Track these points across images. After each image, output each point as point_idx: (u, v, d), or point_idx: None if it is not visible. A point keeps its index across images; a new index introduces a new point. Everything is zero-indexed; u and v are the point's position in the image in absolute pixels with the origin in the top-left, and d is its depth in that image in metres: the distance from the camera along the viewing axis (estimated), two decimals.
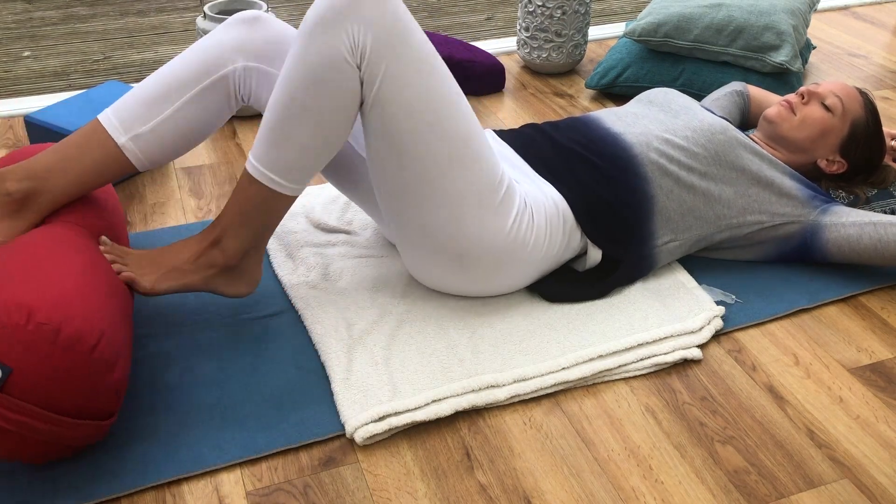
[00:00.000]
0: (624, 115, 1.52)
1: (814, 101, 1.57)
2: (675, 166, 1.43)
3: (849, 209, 1.50)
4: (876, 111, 1.59)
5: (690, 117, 1.49)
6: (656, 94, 1.60)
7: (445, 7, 2.89)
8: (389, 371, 1.27)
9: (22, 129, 1.95)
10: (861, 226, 1.45)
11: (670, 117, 1.51)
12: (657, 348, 1.33)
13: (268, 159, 1.21)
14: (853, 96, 1.57)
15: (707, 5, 2.10)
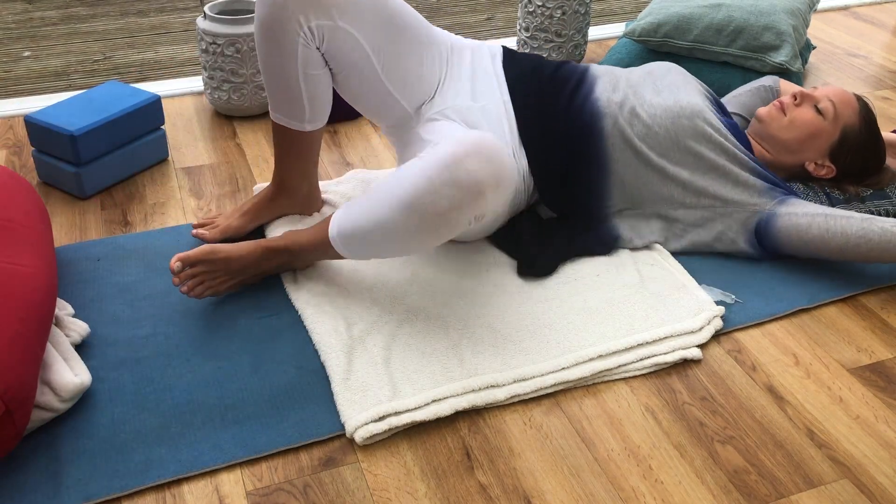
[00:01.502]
0: (617, 80, 1.54)
1: (806, 104, 1.58)
2: (638, 140, 1.49)
3: (808, 203, 1.49)
4: (872, 119, 1.59)
5: (667, 97, 1.51)
6: (659, 68, 1.60)
7: (445, 7, 2.89)
8: (389, 371, 1.26)
9: (22, 129, 1.95)
10: (812, 216, 1.45)
11: (653, 94, 1.52)
12: (657, 348, 1.33)
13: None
14: (848, 102, 1.57)
15: (707, 5, 2.10)
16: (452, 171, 1.17)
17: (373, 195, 1.28)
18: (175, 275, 1.33)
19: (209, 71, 1.94)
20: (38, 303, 1.17)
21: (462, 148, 1.18)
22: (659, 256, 1.53)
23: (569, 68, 1.55)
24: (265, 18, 1.34)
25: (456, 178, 1.18)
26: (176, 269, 1.32)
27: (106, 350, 1.31)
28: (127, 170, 1.76)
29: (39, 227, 1.34)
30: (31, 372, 1.09)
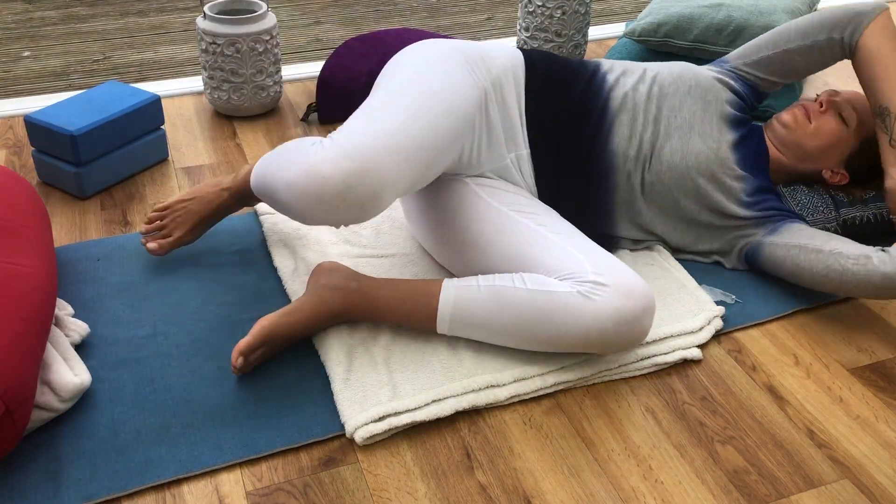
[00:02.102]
0: (635, 116, 1.45)
1: (831, 111, 1.53)
2: (644, 196, 1.49)
3: (796, 229, 1.44)
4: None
5: (677, 146, 1.45)
6: (677, 85, 1.49)
7: (445, 7, 2.89)
8: (389, 371, 1.26)
9: (22, 129, 1.95)
10: (789, 248, 1.43)
11: (665, 137, 1.46)
12: (657, 348, 1.33)
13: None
14: (868, 109, 1.55)
15: (707, 5, 2.10)
16: (630, 324, 1.22)
17: (511, 314, 1.24)
18: (238, 371, 1.26)
19: (209, 71, 1.94)
20: (38, 303, 1.17)
21: (640, 305, 1.21)
22: (659, 256, 1.53)
23: (590, 101, 1.45)
24: (308, 214, 1.20)
25: (632, 332, 1.23)
26: (239, 365, 1.24)
27: (106, 350, 1.31)
28: (127, 170, 1.76)
29: (39, 227, 1.34)
30: (31, 372, 1.09)
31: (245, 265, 1.51)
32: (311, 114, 2.02)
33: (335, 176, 1.12)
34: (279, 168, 1.22)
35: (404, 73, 1.30)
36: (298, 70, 2.27)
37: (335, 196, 1.13)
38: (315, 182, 1.13)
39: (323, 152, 1.15)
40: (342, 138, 1.17)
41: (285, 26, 2.70)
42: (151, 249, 1.45)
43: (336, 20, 2.77)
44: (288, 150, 1.25)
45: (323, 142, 1.18)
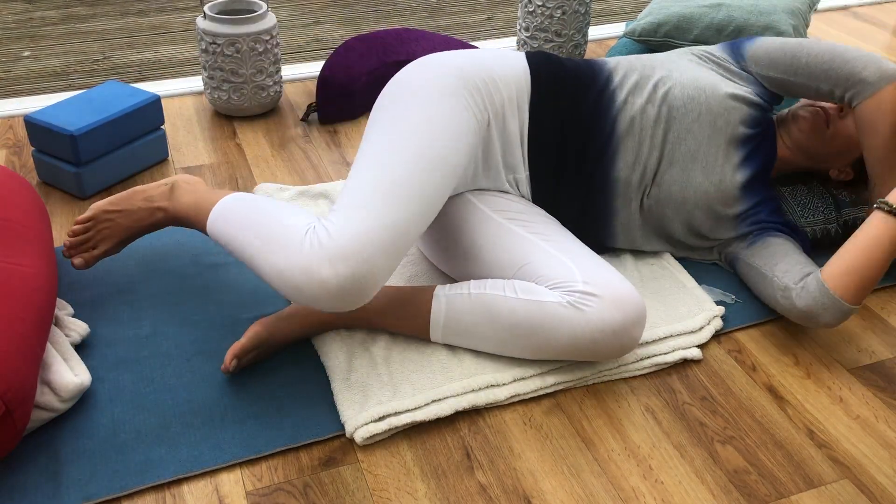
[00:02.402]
0: (641, 141, 1.42)
1: (850, 116, 1.50)
2: (641, 219, 1.49)
3: (766, 245, 1.43)
4: None
5: (678, 176, 1.43)
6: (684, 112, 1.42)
7: (445, 7, 2.89)
8: (389, 371, 1.27)
9: (22, 129, 1.95)
10: (749, 267, 1.44)
11: (668, 164, 1.43)
12: (657, 348, 1.33)
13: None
14: None
15: (707, 5, 2.10)
16: (620, 336, 1.22)
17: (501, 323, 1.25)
18: (229, 373, 1.26)
19: (209, 71, 1.94)
20: (38, 303, 1.17)
21: (629, 318, 1.22)
22: (659, 256, 1.53)
23: (597, 124, 1.40)
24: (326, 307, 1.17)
25: (621, 343, 1.23)
26: (231, 368, 1.24)
27: (106, 350, 1.31)
28: (127, 170, 1.76)
29: (39, 226, 1.34)
30: (31, 372, 1.09)
31: (245, 265, 1.51)
32: (311, 114, 2.02)
33: (331, 281, 1.11)
34: (266, 247, 1.16)
35: (403, 120, 1.25)
36: (298, 70, 2.27)
37: (327, 295, 1.12)
38: (310, 282, 1.11)
39: (320, 251, 1.11)
40: (340, 236, 1.12)
41: (285, 26, 2.70)
42: (77, 265, 1.38)
43: (336, 20, 2.77)
44: (273, 226, 1.18)
45: (318, 232, 1.13)
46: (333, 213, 1.17)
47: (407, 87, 1.30)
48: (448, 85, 1.29)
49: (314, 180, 1.78)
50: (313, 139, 1.94)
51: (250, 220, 1.20)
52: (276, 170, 1.81)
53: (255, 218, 1.20)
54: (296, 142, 1.93)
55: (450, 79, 1.30)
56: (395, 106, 1.27)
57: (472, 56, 1.37)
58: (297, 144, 1.92)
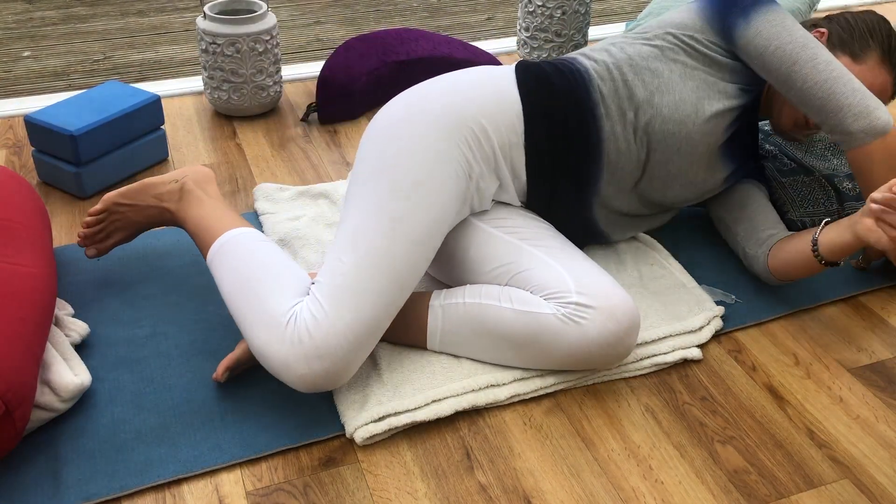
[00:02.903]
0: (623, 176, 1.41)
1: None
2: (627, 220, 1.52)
3: (734, 190, 1.52)
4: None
5: (657, 188, 1.43)
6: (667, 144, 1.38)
7: (445, 7, 2.89)
8: (389, 371, 1.26)
9: (22, 129, 1.95)
10: (719, 219, 1.56)
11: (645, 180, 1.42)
12: (657, 348, 1.33)
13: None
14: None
15: None
16: (615, 346, 1.22)
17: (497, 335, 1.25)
18: (220, 381, 1.26)
19: (209, 71, 1.94)
20: (38, 303, 1.17)
21: (623, 327, 1.22)
22: (659, 256, 1.53)
23: (585, 160, 1.38)
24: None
25: (616, 353, 1.24)
26: (223, 380, 1.25)
27: (106, 350, 1.31)
28: (127, 170, 1.76)
29: (39, 226, 1.34)
30: (31, 372, 1.09)
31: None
32: (310, 114, 2.02)
33: (307, 376, 1.15)
34: (251, 317, 1.18)
35: (393, 192, 1.22)
36: (298, 70, 2.27)
37: (302, 385, 1.16)
38: (287, 374, 1.15)
39: (299, 348, 1.14)
40: (319, 335, 1.14)
41: (285, 26, 2.70)
42: (90, 256, 1.42)
43: (336, 20, 2.77)
44: (261, 297, 1.18)
45: (298, 326, 1.15)
46: (314, 301, 1.17)
47: (395, 141, 1.26)
48: (435, 144, 1.26)
49: (314, 180, 1.78)
50: (313, 139, 1.94)
51: (244, 279, 1.22)
52: (276, 170, 1.81)
53: (249, 277, 1.21)
54: (296, 142, 1.93)
55: (440, 137, 1.26)
56: (381, 166, 1.25)
57: (461, 100, 1.31)
58: (297, 144, 1.92)
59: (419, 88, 1.34)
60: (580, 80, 1.37)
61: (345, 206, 1.27)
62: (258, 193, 1.69)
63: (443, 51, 2.14)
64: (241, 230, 1.29)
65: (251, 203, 1.70)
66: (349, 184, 1.29)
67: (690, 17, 1.40)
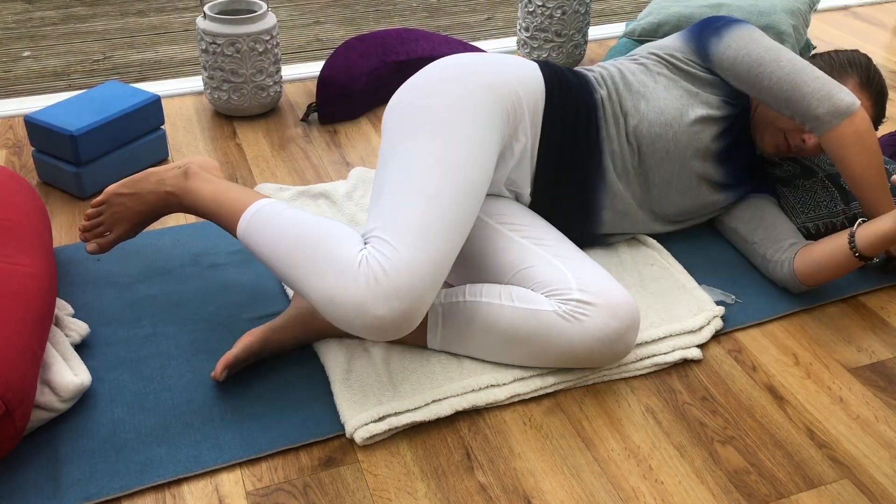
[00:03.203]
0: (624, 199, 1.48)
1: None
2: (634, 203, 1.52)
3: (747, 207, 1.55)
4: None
5: (655, 198, 1.50)
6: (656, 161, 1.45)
7: (445, 7, 2.89)
8: (389, 371, 1.27)
9: (22, 129, 1.95)
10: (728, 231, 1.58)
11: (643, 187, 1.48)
12: (657, 348, 1.33)
13: None
14: None
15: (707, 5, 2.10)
16: (615, 343, 1.23)
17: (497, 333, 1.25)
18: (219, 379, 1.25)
19: (209, 71, 1.94)
20: (37, 303, 1.17)
21: (624, 324, 1.23)
22: (659, 256, 1.53)
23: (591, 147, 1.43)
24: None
25: (616, 350, 1.24)
26: (222, 378, 1.24)
27: (106, 350, 1.31)
28: (127, 170, 1.76)
29: (39, 226, 1.34)
30: (30, 372, 1.09)
31: (245, 265, 1.51)
32: (310, 114, 2.02)
33: (386, 317, 1.12)
34: (316, 270, 1.14)
35: (447, 139, 1.23)
36: (298, 70, 2.27)
37: (379, 329, 1.13)
38: (363, 317, 1.11)
39: (376, 288, 1.11)
40: (396, 273, 1.12)
41: (285, 26, 2.70)
42: (91, 251, 1.37)
43: (336, 20, 2.77)
44: (323, 248, 1.16)
45: (372, 266, 1.12)
46: (383, 242, 1.15)
47: (441, 98, 1.28)
48: (483, 105, 1.29)
49: (314, 180, 1.78)
50: (313, 139, 1.94)
51: (296, 236, 1.18)
52: (276, 170, 1.81)
53: (302, 234, 1.18)
54: (296, 142, 1.93)
55: (484, 98, 1.30)
56: (434, 120, 1.25)
57: (498, 71, 1.35)
58: (297, 144, 1.92)
59: (453, 58, 1.36)
60: (585, 82, 1.46)
61: (390, 158, 1.25)
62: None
63: (443, 51, 2.14)
64: (269, 200, 1.27)
65: None
66: (390, 139, 1.28)
67: (672, 41, 1.53)
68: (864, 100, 1.50)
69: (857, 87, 1.50)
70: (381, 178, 1.24)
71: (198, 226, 1.61)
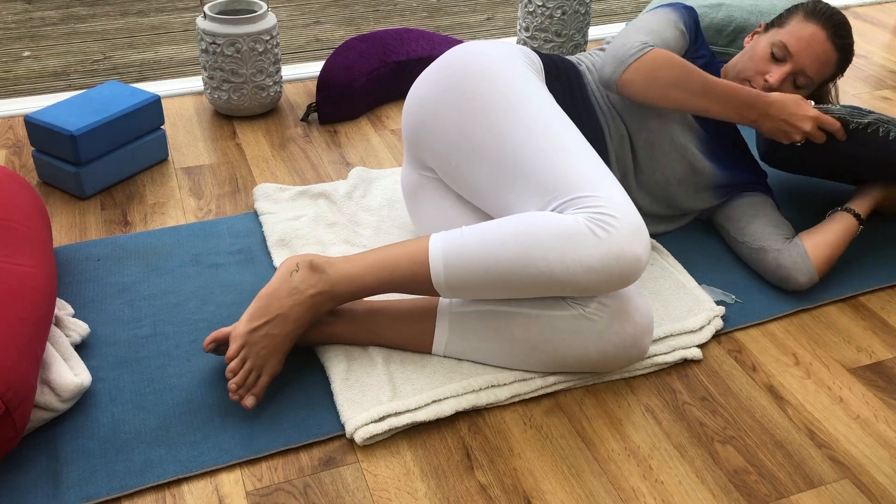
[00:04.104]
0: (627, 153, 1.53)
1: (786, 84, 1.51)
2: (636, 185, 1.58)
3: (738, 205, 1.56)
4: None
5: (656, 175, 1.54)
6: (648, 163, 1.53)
7: (445, 7, 2.89)
8: (389, 371, 1.26)
9: (22, 129, 1.95)
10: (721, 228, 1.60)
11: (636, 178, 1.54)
12: (657, 348, 1.33)
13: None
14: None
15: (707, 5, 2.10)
16: (630, 349, 1.23)
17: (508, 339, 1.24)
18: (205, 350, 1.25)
19: (209, 71, 1.94)
20: (37, 302, 1.17)
21: (640, 329, 1.23)
22: (659, 256, 1.53)
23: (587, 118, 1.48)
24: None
25: (629, 356, 1.25)
26: (208, 350, 1.24)
27: (106, 350, 1.31)
28: (127, 170, 1.76)
29: (39, 226, 1.34)
30: (30, 372, 1.09)
31: (245, 265, 1.51)
32: (310, 114, 2.02)
33: (642, 254, 1.15)
34: (550, 255, 1.13)
35: (532, 98, 1.29)
36: (298, 70, 2.27)
37: (639, 269, 1.15)
38: (628, 264, 1.13)
39: (617, 231, 1.13)
40: (623, 212, 1.15)
41: (285, 26, 2.70)
42: (249, 406, 1.19)
43: (336, 20, 2.77)
44: (536, 232, 1.14)
45: (597, 218, 1.14)
46: (580, 199, 1.17)
47: (490, 66, 1.32)
48: (523, 66, 1.36)
49: (314, 180, 1.78)
50: (313, 139, 1.94)
51: (501, 245, 1.16)
52: (275, 170, 1.81)
53: (503, 241, 1.16)
54: (296, 142, 1.93)
55: (521, 62, 1.37)
56: (509, 86, 1.30)
57: (502, 45, 1.40)
58: (297, 144, 1.92)
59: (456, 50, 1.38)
60: (565, 59, 1.53)
61: (490, 143, 1.27)
62: (258, 193, 1.69)
63: (443, 51, 2.14)
64: (435, 236, 1.21)
65: (251, 203, 1.70)
66: (468, 132, 1.29)
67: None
68: (811, 26, 1.48)
69: (801, 19, 1.50)
70: (502, 163, 1.25)
71: (198, 226, 1.61)
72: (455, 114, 1.31)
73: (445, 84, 1.33)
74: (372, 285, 1.21)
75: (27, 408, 1.08)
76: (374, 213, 1.64)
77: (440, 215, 1.40)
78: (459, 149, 1.30)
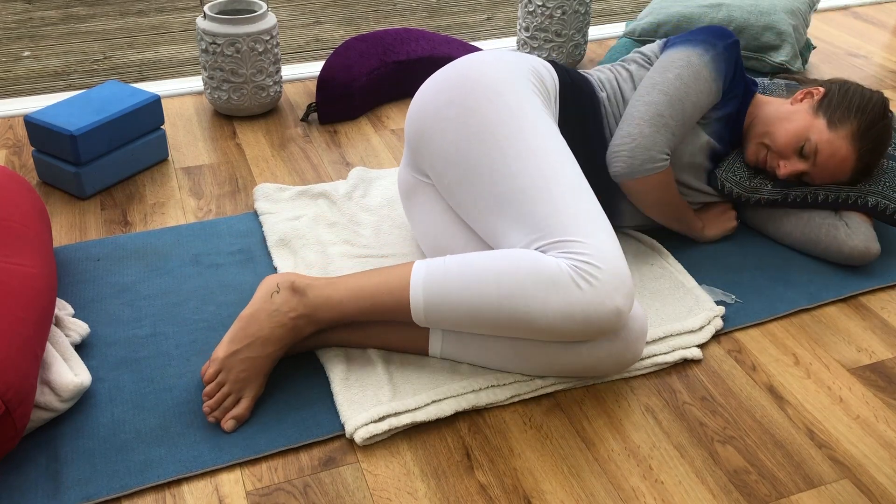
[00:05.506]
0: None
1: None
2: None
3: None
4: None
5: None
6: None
7: (445, 7, 2.89)
8: (389, 371, 1.26)
9: (22, 129, 1.95)
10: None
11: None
12: (657, 348, 1.33)
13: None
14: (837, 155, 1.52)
15: (707, 5, 2.10)
16: (622, 354, 1.23)
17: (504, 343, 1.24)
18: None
19: (209, 71, 1.94)
20: (37, 302, 1.17)
21: (634, 334, 1.23)
22: (659, 256, 1.53)
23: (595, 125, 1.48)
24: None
25: (621, 362, 1.24)
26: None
27: (106, 350, 1.31)
28: (127, 170, 1.76)
29: (39, 226, 1.34)
30: (30, 372, 1.09)
31: (245, 265, 1.51)
32: (310, 114, 2.02)
33: (624, 304, 1.15)
34: (530, 300, 1.13)
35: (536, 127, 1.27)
36: (298, 70, 2.27)
37: (621, 319, 1.15)
38: (608, 316, 1.14)
39: (599, 283, 1.13)
40: (606, 262, 1.14)
41: (285, 26, 2.70)
42: (230, 429, 1.18)
43: (336, 20, 2.77)
44: (520, 275, 1.15)
45: (580, 267, 1.14)
46: (567, 244, 1.16)
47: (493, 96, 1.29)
48: (530, 89, 1.34)
49: (314, 180, 1.78)
50: (313, 139, 1.94)
51: (482, 281, 1.16)
52: (275, 170, 1.81)
53: (485, 277, 1.16)
54: (296, 142, 1.93)
55: (528, 83, 1.34)
56: (509, 114, 1.27)
57: (515, 60, 1.38)
58: (297, 144, 1.92)
59: (464, 60, 1.36)
60: (588, 81, 1.50)
61: (487, 170, 1.25)
62: (258, 193, 1.69)
63: (443, 51, 2.14)
64: (417, 264, 1.22)
65: (251, 203, 1.70)
66: (469, 152, 1.27)
67: (652, 46, 1.56)
68: (847, 148, 1.47)
69: (849, 135, 1.47)
70: (495, 190, 1.24)
71: (198, 226, 1.61)
72: (454, 129, 1.29)
73: (449, 96, 1.31)
74: (352, 313, 1.22)
75: (27, 408, 1.08)
76: (374, 213, 1.64)
77: (433, 220, 1.40)
78: (456, 167, 1.29)
